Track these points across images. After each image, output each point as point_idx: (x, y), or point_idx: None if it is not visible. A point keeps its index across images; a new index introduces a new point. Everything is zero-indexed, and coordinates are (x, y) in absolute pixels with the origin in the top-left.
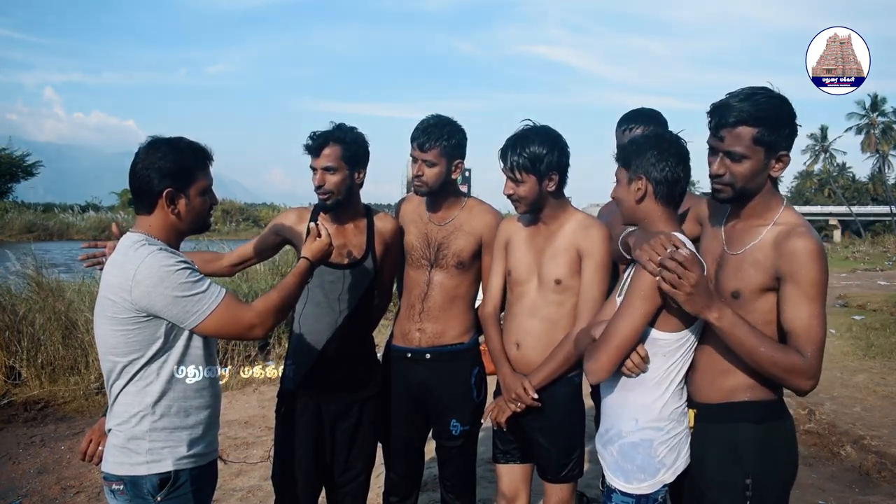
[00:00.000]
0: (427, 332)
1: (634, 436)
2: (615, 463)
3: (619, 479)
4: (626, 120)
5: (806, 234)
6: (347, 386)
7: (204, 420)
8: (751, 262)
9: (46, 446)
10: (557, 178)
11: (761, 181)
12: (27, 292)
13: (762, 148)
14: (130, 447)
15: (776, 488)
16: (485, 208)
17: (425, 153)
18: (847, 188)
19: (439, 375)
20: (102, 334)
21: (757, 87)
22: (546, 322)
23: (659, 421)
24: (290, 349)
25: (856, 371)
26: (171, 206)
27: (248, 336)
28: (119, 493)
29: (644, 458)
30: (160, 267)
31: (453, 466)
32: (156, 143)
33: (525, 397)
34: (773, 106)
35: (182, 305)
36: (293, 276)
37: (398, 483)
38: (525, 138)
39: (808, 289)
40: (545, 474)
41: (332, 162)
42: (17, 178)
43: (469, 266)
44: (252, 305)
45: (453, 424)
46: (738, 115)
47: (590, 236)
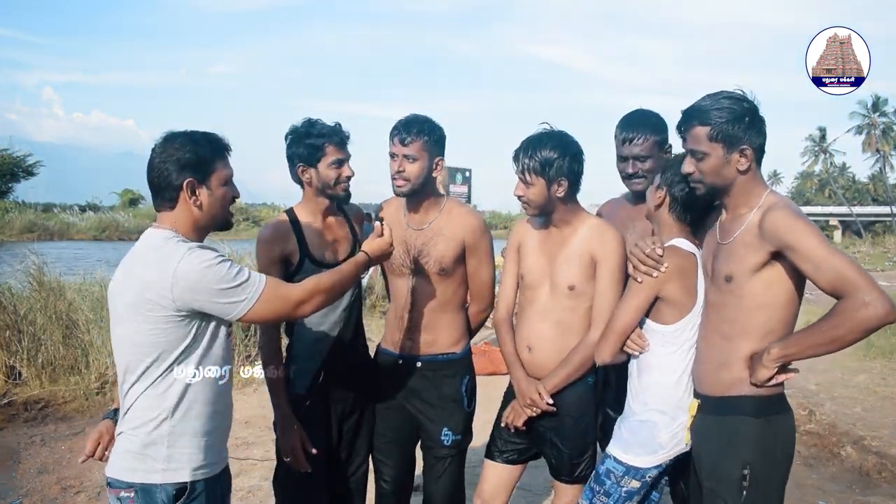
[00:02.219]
0: (418, 340)
1: (643, 415)
2: (618, 434)
3: (616, 448)
4: (626, 125)
5: (785, 207)
6: (353, 384)
7: (220, 426)
8: (741, 245)
9: (47, 446)
10: (567, 184)
11: (728, 174)
12: (28, 291)
13: (719, 144)
14: (147, 453)
15: (773, 481)
16: (464, 210)
17: (406, 147)
18: (847, 188)
19: (430, 384)
20: (126, 333)
21: (722, 91)
22: (558, 326)
23: (665, 406)
24: (298, 348)
25: (856, 371)
26: (193, 197)
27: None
28: (128, 501)
29: (647, 437)
30: (200, 262)
31: (443, 476)
32: (171, 136)
33: (540, 402)
34: (726, 105)
35: (228, 297)
36: (350, 264)
37: (388, 493)
38: (539, 142)
39: (808, 247)
40: (559, 475)
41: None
42: (18, 178)
43: (452, 271)
44: (300, 284)
45: (445, 433)
46: (693, 117)
47: (605, 242)
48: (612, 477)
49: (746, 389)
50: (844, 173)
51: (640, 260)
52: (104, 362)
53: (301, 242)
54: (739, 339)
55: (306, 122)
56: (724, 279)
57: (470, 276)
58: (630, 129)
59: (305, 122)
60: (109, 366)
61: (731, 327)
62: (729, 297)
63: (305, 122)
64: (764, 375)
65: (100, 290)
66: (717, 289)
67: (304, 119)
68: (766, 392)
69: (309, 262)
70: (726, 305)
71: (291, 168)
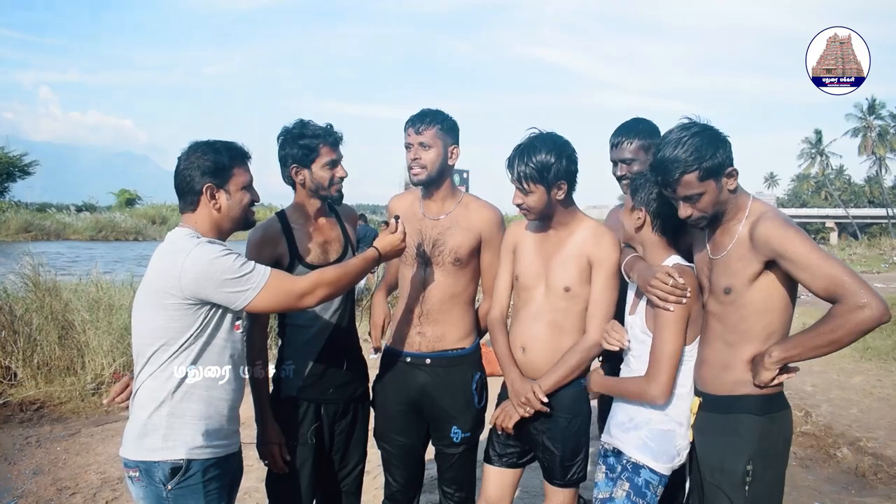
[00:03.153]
0: (427, 335)
1: (663, 424)
2: (644, 444)
3: (648, 458)
4: (616, 130)
5: (772, 216)
6: (346, 384)
7: (222, 412)
8: (736, 258)
9: (42, 447)
10: (566, 186)
11: (724, 199)
12: (24, 292)
13: (711, 179)
14: (148, 432)
15: (774, 474)
16: (482, 204)
17: (421, 135)
18: (844, 191)
19: (440, 381)
20: (144, 318)
21: (680, 127)
22: (552, 327)
23: (679, 417)
24: (289, 350)
25: (852, 373)
26: (213, 200)
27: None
28: (136, 479)
29: (669, 446)
30: (207, 254)
31: (454, 473)
32: (195, 145)
33: (535, 402)
34: (700, 143)
35: (232, 286)
36: (359, 259)
37: (398, 490)
38: (532, 147)
39: (801, 254)
40: (551, 478)
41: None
42: (15, 177)
43: (466, 263)
44: (305, 276)
45: (454, 431)
46: (674, 169)
47: (601, 244)
48: (651, 488)
49: (749, 389)
50: (841, 176)
51: (667, 292)
52: (100, 363)
53: (291, 245)
54: (742, 344)
55: (298, 123)
56: (724, 291)
57: (484, 271)
58: (618, 134)
59: (298, 123)
60: (105, 367)
61: (733, 334)
62: (730, 307)
63: (298, 123)
64: (766, 377)
65: (96, 291)
66: (716, 300)
67: (296, 120)
68: (768, 391)
69: (299, 264)
70: (728, 314)
71: (284, 169)
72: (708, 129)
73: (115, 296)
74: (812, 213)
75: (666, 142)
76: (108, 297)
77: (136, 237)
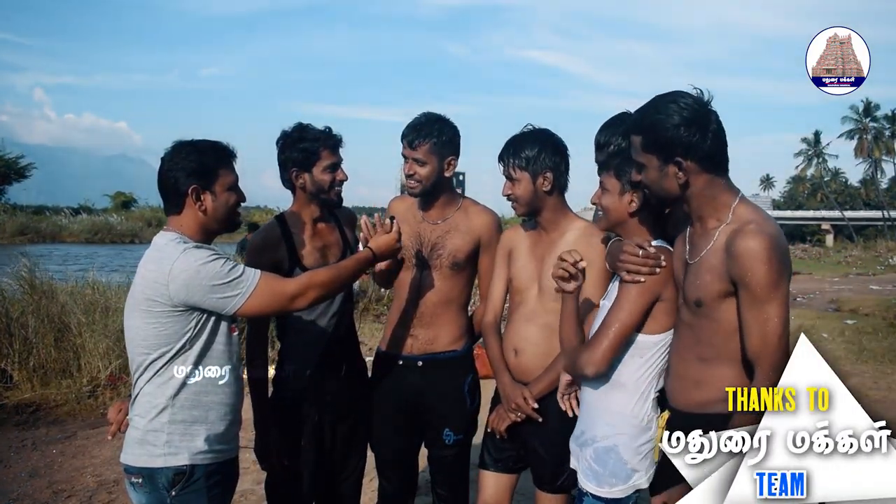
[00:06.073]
0: (419, 337)
1: (608, 440)
2: (588, 467)
3: (591, 483)
4: (606, 127)
5: (755, 232)
6: (346, 387)
7: (223, 416)
8: (707, 269)
9: (38, 450)
10: (552, 176)
11: (671, 188)
12: (20, 294)
13: (654, 155)
14: (149, 439)
15: None
16: (481, 208)
17: (415, 151)
18: (840, 193)
19: (432, 383)
20: (134, 326)
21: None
22: (545, 329)
23: (630, 427)
24: (289, 352)
25: (848, 375)
26: (198, 202)
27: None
28: (138, 486)
29: (615, 464)
30: (194, 260)
31: (446, 475)
32: (179, 145)
33: (525, 407)
34: (672, 113)
35: (221, 292)
36: (352, 260)
37: (391, 493)
38: (521, 138)
39: (758, 292)
40: (542, 484)
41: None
42: (10, 180)
43: (464, 267)
44: (295, 278)
45: (447, 433)
46: (631, 128)
47: (592, 245)
48: None
49: (721, 408)
50: (837, 178)
51: (639, 264)
52: (96, 365)
53: (290, 250)
54: (716, 363)
55: (298, 126)
56: (695, 303)
57: (481, 275)
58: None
59: (297, 127)
60: (101, 369)
61: (706, 350)
62: (703, 320)
63: (297, 127)
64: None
65: (92, 293)
66: (689, 309)
67: (296, 124)
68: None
69: (299, 269)
70: (701, 328)
71: (283, 173)
72: (701, 112)
73: (111, 298)
74: (808, 214)
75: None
76: (105, 300)
77: (132, 240)
